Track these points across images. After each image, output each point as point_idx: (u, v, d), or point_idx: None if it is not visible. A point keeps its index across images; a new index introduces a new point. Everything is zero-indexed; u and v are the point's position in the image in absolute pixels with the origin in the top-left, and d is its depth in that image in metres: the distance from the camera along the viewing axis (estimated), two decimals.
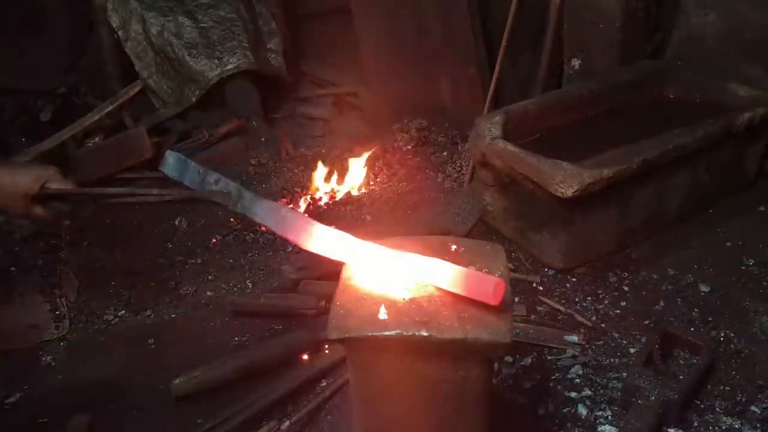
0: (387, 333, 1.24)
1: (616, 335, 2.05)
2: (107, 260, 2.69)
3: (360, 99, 3.89)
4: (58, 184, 1.83)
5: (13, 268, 2.62)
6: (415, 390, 1.32)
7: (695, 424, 1.73)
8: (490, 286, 1.24)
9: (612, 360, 1.96)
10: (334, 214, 2.86)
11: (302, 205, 3.00)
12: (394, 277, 1.34)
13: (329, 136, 3.67)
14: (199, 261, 2.66)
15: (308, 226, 1.43)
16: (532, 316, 2.16)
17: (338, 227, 1.41)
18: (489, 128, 2.40)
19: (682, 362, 1.94)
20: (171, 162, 2.11)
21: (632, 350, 1.98)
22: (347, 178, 3.15)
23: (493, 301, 1.24)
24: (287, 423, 1.80)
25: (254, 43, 3.76)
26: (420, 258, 1.33)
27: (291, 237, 1.48)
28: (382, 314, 1.26)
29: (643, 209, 2.38)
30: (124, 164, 3.25)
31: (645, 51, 2.95)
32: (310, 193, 3.09)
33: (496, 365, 1.94)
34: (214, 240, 2.79)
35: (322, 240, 1.41)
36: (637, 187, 2.29)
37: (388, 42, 3.47)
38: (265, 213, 1.65)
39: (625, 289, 2.25)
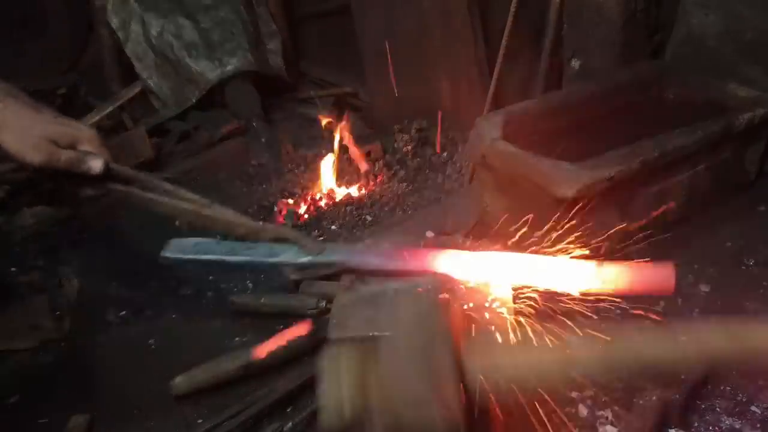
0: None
1: None
2: (107, 260, 2.68)
3: (360, 99, 3.90)
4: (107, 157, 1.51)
5: (13, 268, 2.62)
6: None
7: (696, 424, 1.73)
8: (669, 274, 1.19)
9: None
10: (334, 214, 2.86)
11: (302, 206, 3.00)
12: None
13: (329, 136, 3.67)
14: None
15: (428, 256, 1.36)
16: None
17: (338, 227, 1.40)
18: (489, 129, 2.40)
19: None
20: (187, 245, 1.72)
21: None
22: (321, 180, 3.15)
23: (671, 291, 1.24)
24: (290, 424, 1.80)
25: (254, 44, 3.77)
26: (572, 262, 1.29)
27: (414, 269, 1.38)
28: None
29: (643, 210, 2.38)
30: (125, 165, 3.24)
31: (645, 51, 2.95)
32: (310, 193, 3.10)
33: None
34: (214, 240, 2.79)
35: (451, 265, 1.35)
36: (637, 188, 2.29)
37: (388, 42, 3.47)
38: (372, 257, 1.47)
39: None
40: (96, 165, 1.46)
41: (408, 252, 1.39)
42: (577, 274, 1.24)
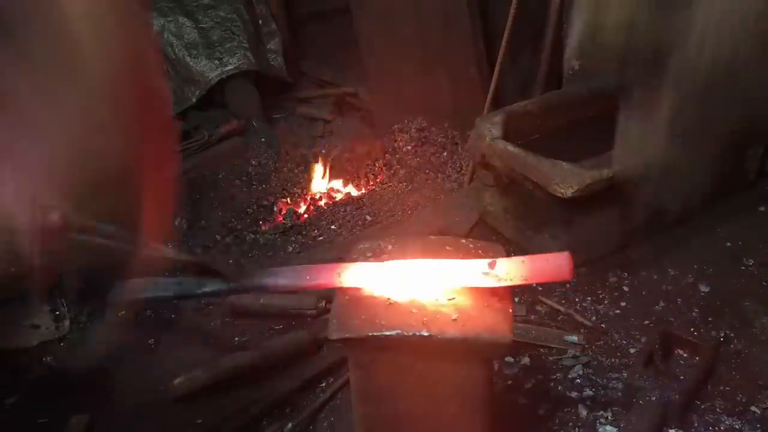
0: (387, 333, 1.24)
1: (616, 335, 2.05)
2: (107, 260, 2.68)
3: (360, 99, 3.89)
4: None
5: (13, 269, 2.62)
6: (416, 390, 1.32)
7: (696, 424, 1.73)
8: (563, 263, 1.25)
9: (612, 360, 1.96)
10: (333, 214, 2.86)
11: (302, 206, 3.00)
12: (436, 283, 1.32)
13: (329, 136, 3.67)
14: None
15: (335, 271, 1.40)
16: (532, 316, 2.16)
17: (338, 227, 1.41)
18: (489, 128, 2.40)
19: (682, 362, 1.94)
20: (133, 287, 1.88)
21: (632, 350, 1.98)
22: (313, 182, 3.16)
23: (569, 276, 1.26)
24: (290, 425, 1.80)
25: (254, 43, 3.76)
26: (468, 262, 1.32)
27: (323, 285, 1.43)
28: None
29: (644, 209, 2.38)
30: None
31: None
32: (309, 194, 3.10)
33: (496, 365, 1.94)
34: (214, 240, 2.79)
35: (354, 277, 1.38)
36: (637, 187, 2.29)
37: (388, 42, 3.47)
38: (286, 277, 1.54)
39: (625, 289, 2.25)
40: (54, 216, 1.50)
41: (319, 269, 1.45)
42: (474, 273, 1.28)
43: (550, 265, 1.29)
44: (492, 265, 1.28)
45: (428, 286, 1.32)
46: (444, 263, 1.33)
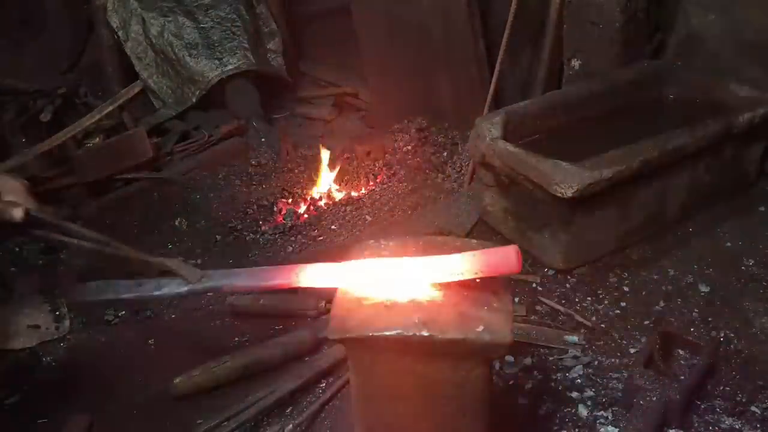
0: (387, 333, 1.24)
1: (616, 335, 2.05)
2: (107, 260, 2.68)
3: (360, 99, 3.90)
4: (30, 205, 1.61)
5: (13, 269, 2.62)
6: (416, 390, 1.32)
7: (696, 424, 1.73)
8: (511, 256, 1.28)
9: (612, 360, 1.96)
10: (333, 214, 2.86)
11: (302, 207, 3.00)
12: (397, 282, 1.34)
13: (329, 136, 3.67)
14: (199, 261, 2.65)
15: (292, 273, 1.45)
16: (532, 317, 2.15)
17: (338, 227, 1.41)
18: (489, 128, 2.40)
19: (682, 362, 1.94)
20: (90, 289, 1.89)
21: (632, 350, 1.98)
22: (321, 180, 3.16)
23: (518, 268, 1.29)
24: (290, 426, 1.80)
25: (254, 43, 3.77)
26: (424, 259, 1.34)
27: (280, 285, 1.50)
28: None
29: (643, 209, 2.38)
30: (124, 165, 3.25)
31: (645, 51, 2.95)
32: (309, 193, 3.10)
33: (496, 365, 1.94)
34: (214, 240, 2.79)
35: (312, 277, 1.42)
36: (637, 188, 2.29)
37: (388, 42, 3.47)
38: (244, 278, 1.62)
39: (625, 289, 2.25)
40: (16, 214, 1.58)
41: (278, 270, 1.50)
42: (430, 270, 1.30)
43: (499, 258, 1.30)
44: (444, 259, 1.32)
45: (392, 282, 1.34)
46: (405, 261, 1.35)
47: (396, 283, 1.34)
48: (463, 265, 1.30)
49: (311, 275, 1.40)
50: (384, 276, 1.34)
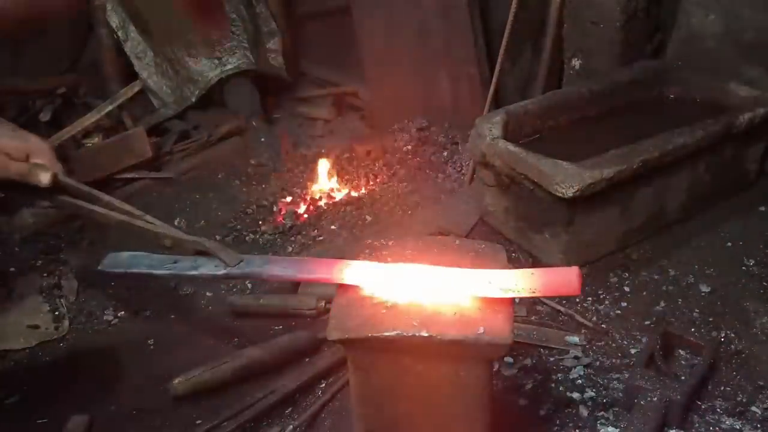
0: (387, 334, 1.24)
1: (617, 336, 2.05)
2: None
3: (360, 99, 3.89)
4: (58, 170, 1.56)
5: (13, 268, 2.62)
6: (416, 391, 1.32)
7: (696, 424, 1.73)
8: (573, 278, 1.26)
9: (613, 361, 1.96)
10: (333, 214, 2.86)
11: (302, 206, 3.00)
12: (441, 292, 1.32)
13: (329, 136, 3.67)
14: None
15: (337, 267, 1.39)
16: (533, 317, 2.15)
17: (338, 227, 1.41)
18: (489, 128, 2.40)
19: (683, 363, 1.94)
20: (121, 259, 1.74)
21: (633, 351, 1.98)
22: (318, 181, 3.15)
23: (577, 291, 1.26)
24: (290, 427, 1.79)
25: (254, 43, 3.76)
26: (476, 272, 1.31)
27: (321, 279, 1.44)
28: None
29: (644, 209, 2.38)
30: (124, 164, 3.25)
31: (645, 51, 2.95)
32: (309, 193, 3.09)
33: (496, 366, 1.94)
34: (214, 240, 2.78)
35: (356, 275, 1.37)
36: (637, 187, 2.29)
37: (388, 42, 3.47)
38: (285, 267, 1.52)
39: (626, 289, 2.24)
40: (44, 177, 1.55)
41: (320, 263, 1.44)
42: (479, 283, 1.28)
43: (559, 278, 1.29)
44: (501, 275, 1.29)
45: (432, 292, 1.31)
46: (449, 271, 1.32)
47: (439, 293, 1.31)
48: (521, 282, 1.28)
49: (355, 272, 1.36)
50: (429, 285, 1.31)
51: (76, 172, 3.14)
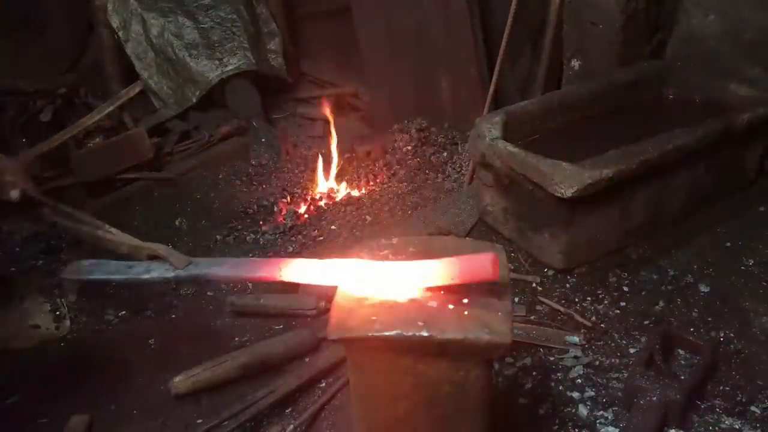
0: (387, 333, 1.24)
1: (616, 335, 2.05)
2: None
3: (360, 99, 3.90)
4: (27, 186, 1.73)
5: (13, 268, 2.62)
6: (416, 390, 1.32)
7: (696, 424, 1.73)
8: (487, 263, 1.25)
9: (612, 360, 1.96)
10: (333, 214, 2.86)
11: (302, 207, 3.00)
12: (389, 284, 1.34)
13: (329, 136, 3.67)
14: None
15: (276, 267, 1.46)
16: (532, 317, 2.15)
17: (338, 227, 1.41)
18: (489, 128, 2.40)
19: (682, 362, 1.94)
20: (82, 267, 1.92)
21: (632, 350, 1.98)
22: (319, 183, 3.17)
23: (494, 277, 1.25)
24: (291, 426, 1.80)
25: (254, 43, 3.77)
26: (404, 264, 1.33)
27: (264, 277, 1.51)
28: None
29: (643, 209, 2.38)
30: (124, 165, 3.25)
31: (645, 51, 2.95)
32: (309, 193, 3.10)
33: (496, 365, 1.94)
34: (214, 240, 2.79)
35: (295, 273, 1.43)
36: (636, 188, 2.29)
37: (388, 42, 3.47)
38: (229, 268, 1.64)
39: (625, 289, 2.25)
40: (13, 194, 1.64)
41: (264, 263, 1.50)
42: (408, 276, 1.31)
43: (476, 265, 1.28)
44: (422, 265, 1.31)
45: (376, 283, 1.33)
46: (383, 264, 1.35)
47: (378, 284, 1.33)
48: (440, 270, 1.30)
49: (295, 270, 1.40)
50: (366, 277, 1.34)
51: (77, 173, 3.16)
